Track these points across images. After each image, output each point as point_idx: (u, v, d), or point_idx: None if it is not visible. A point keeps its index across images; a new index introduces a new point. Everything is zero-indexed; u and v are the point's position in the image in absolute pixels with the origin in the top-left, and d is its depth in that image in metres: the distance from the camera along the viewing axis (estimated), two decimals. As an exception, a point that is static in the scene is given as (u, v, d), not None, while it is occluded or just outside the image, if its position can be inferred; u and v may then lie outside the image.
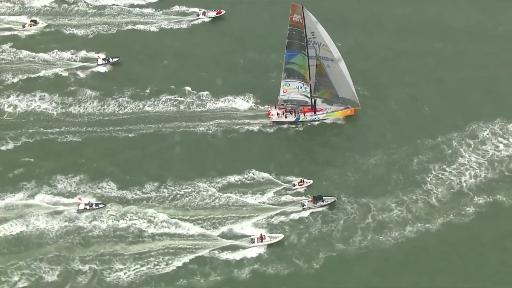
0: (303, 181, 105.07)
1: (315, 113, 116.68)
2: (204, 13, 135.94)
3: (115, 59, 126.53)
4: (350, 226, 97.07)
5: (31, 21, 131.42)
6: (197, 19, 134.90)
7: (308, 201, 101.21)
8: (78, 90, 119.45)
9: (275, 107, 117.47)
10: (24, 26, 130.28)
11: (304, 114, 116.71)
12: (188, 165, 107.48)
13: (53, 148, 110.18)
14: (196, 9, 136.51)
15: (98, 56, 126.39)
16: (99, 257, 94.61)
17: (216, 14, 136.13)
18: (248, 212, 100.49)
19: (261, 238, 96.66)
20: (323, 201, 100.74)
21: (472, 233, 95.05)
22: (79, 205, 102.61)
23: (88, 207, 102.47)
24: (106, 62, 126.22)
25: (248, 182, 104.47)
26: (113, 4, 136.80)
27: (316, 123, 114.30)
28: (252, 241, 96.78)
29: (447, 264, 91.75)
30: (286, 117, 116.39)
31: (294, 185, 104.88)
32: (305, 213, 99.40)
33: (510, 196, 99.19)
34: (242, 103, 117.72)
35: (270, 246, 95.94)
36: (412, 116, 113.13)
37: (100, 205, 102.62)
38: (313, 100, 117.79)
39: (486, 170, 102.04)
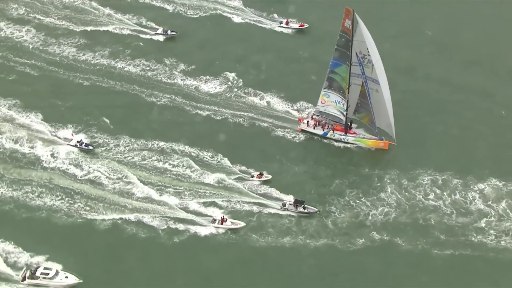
0: (262, 174, 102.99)
1: (345, 134, 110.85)
2: (287, 22, 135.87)
3: (173, 33, 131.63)
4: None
5: None
6: (279, 25, 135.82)
7: (289, 203, 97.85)
8: (126, 49, 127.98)
9: (312, 117, 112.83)
10: None
11: (333, 131, 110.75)
12: (181, 137, 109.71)
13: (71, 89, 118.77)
14: (281, 18, 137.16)
15: (158, 26, 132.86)
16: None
17: (299, 26, 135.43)
18: (217, 192, 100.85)
19: (222, 220, 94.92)
20: (304, 208, 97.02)
21: (344, 261, 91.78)
22: (71, 140, 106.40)
23: (78, 144, 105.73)
24: (164, 33, 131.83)
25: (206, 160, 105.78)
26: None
27: (346, 145, 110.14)
28: (213, 221, 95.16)
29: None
30: (314, 128, 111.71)
31: (252, 176, 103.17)
32: (282, 212, 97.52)
33: (410, 243, 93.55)
34: (279, 103, 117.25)
35: (230, 231, 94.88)
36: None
37: (90, 147, 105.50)
38: (349, 121, 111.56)
39: (401, 213, 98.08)
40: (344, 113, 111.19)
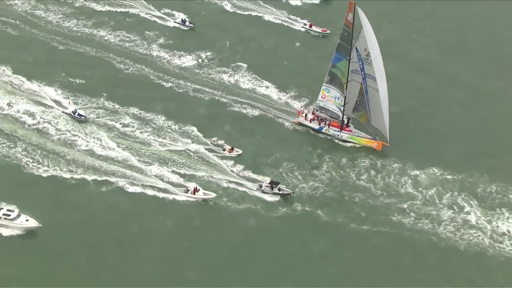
0: (233, 149, 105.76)
1: (340, 130, 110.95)
2: (310, 25, 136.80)
3: (191, 25, 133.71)
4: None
5: None
6: (303, 26, 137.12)
7: (266, 185, 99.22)
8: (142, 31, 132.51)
9: (312, 113, 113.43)
10: None
11: (329, 127, 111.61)
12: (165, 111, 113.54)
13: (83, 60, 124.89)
14: (305, 20, 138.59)
15: (178, 15, 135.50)
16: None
17: (321, 31, 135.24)
18: (193, 165, 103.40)
19: (195, 190, 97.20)
20: (279, 190, 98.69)
21: (262, 225, 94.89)
22: (67, 108, 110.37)
23: (72, 113, 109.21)
24: (183, 23, 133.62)
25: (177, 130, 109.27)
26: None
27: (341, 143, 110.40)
28: (186, 191, 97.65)
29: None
30: (310, 122, 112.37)
31: (224, 150, 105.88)
32: (256, 193, 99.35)
33: (330, 215, 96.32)
34: (280, 95, 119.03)
35: (202, 201, 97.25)
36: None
37: (82, 117, 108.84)
38: (346, 118, 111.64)
39: (330, 189, 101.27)
40: (342, 109, 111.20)
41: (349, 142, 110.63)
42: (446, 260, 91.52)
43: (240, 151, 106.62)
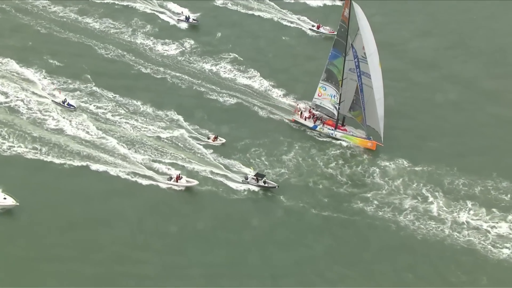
0: (217, 138, 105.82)
1: (335, 129, 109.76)
2: (318, 27, 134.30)
3: (194, 22, 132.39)
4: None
5: None
6: (310, 28, 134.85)
7: (252, 178, 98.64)
8: (144, 26, 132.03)
9: (309, 111, 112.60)
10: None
11: (323, 125, 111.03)
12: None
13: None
14: (313, 22, 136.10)
15: (182, 12, 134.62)
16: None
17: (329, 32, 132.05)
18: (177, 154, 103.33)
19: (177, 178, 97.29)
20: (264, 183, 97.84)
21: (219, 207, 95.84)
22: (57, 97, 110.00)
23: (61, 103, 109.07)
24: (186, 19, 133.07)
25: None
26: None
27: (340, 142, 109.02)
28: (169, 178, 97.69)
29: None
30: (305, 120, 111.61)
31: (208, 138, 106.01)
32: (241, 186, 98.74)
33: (292, 201, 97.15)
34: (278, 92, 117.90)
35: (185, 189, 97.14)
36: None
37: (71, 107, 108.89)
38: (342, 117, 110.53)
39: (296, 175, 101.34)
40: (337, 107, 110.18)
41: (343, 141, 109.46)
42: (402, 248, 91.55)
43: (224, 140, 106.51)
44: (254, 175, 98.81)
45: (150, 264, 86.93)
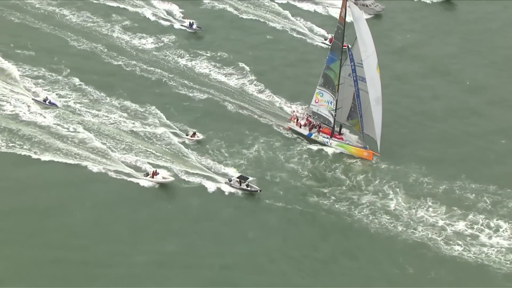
0: (195, 134, 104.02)
1: (330, 137, 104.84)
2: (331, 40, 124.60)
3: (198, 29, 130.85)
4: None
5: None
6: (322, 41, 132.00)
7: (236, 180, 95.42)
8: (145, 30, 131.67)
9: (306, 119, 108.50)
10: None
11: (318, 133, 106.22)
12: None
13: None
14: (324, 32, 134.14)
15: (186, 17, 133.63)
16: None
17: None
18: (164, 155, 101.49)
19: (153, 174, 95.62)
20: (247, 186, 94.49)
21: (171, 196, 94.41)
22: (38, 96, 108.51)
23: (43, 101, 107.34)
24: (190, 26, 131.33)
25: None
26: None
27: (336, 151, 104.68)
28: (146, 174, 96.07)
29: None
30: (300, 127, 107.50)
31: (187, 134, 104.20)
32: (224, 187, 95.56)
33: None
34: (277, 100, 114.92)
35: (160, 185, 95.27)
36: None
37: (53, 106, 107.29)
38: (339, 126, 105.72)
39: (255, 168, 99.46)
40: (333, 114, 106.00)
41: (338, 149, 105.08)
42: (353, 240, 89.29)
43: (202, 136, 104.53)
44: (237, 177, 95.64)
45: (91, 251, 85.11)
